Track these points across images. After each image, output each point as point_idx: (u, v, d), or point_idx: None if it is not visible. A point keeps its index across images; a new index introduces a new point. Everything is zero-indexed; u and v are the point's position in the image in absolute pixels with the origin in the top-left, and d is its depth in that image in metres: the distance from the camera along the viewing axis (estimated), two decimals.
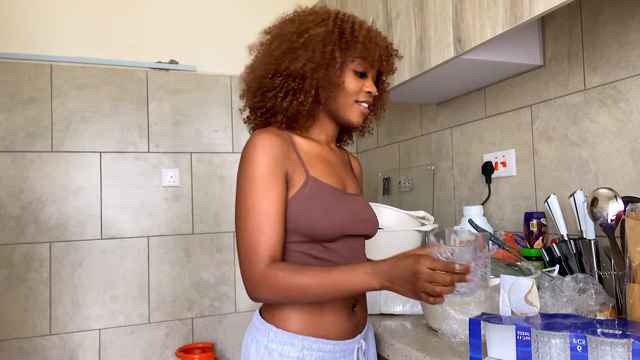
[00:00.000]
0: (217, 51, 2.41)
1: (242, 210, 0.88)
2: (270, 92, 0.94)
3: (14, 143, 2.06)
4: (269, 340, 0.92)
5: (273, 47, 0.96)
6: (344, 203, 0.97)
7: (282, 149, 0.92)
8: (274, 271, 0.84)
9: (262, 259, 0.85)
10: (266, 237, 0.86)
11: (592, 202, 1.05)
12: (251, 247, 0.86)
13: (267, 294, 0.85)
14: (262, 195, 0.87)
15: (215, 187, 2.37)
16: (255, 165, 0.88)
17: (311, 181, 0.93)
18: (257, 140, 0.90)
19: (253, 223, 0.86)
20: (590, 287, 1.04)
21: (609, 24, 1.26)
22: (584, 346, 0.76)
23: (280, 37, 0.96)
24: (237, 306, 2.37)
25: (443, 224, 1.93)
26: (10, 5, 2.09)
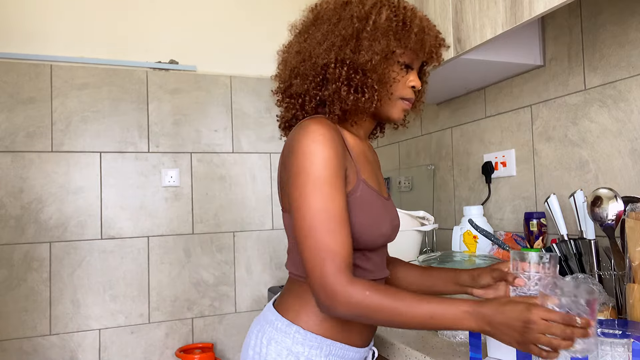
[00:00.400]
0: (217, 51, 2.41)
1: (310, 211, 0.77)
2: (332, 83, 0.84)
3: (14, 143, 2.06)
4: (293, 342, 0.84)
5: (329, 30, 0.85)
6: (386, 211, 0.91)
7: (341, 143, 0.84)
8: (359, 289, 0.74)
9: (341, 269, 0.75)
10: (342, 243, 0.76)
11: (592, 202, 1.05)
12: (326, 255, 0.75)
13: (348, 312, 0.75)
14: (332, 194, 0.78)
15: (215, 187, 2.37)
16: (319, 160, 0.78)
17: (362, 184, 0.86)
18: (317, 131, 0.80)
19: (325, 226, 0.76)
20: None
21: (609, 24, 1.25)
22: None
23: (338, 20, 0.86)
24: (237, 306, 2.37)
25: (443, 223, 1.93)
26: (10, 5, 2.09)
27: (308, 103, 0.88)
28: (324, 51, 0.84)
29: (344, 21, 0.85)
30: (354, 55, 0.83)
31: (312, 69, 0.86)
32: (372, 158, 0.99)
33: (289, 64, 0.91)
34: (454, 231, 1.60)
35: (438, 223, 1.93)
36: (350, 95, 0.84)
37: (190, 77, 2.35)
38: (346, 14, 0.85)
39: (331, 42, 0.84)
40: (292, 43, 0.93)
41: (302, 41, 0.90)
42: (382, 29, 0.84)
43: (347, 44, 0.83)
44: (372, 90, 0.84)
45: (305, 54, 0.87)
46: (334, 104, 0.86)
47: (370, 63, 0.83)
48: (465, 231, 1.55)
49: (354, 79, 0.83)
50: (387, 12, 0.85)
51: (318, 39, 0.86)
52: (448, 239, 1.82)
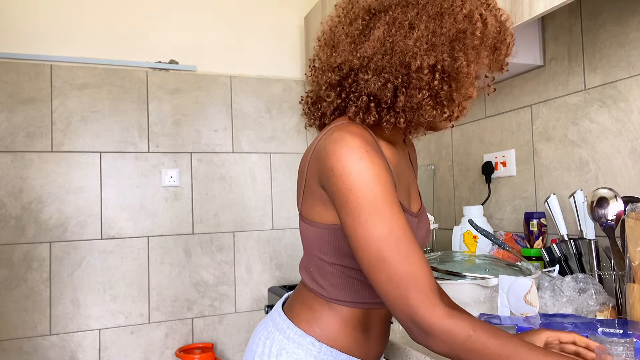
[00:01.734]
0: (217, 51, 2.41)
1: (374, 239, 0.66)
2: (419, 91, 0.70)
3: (14, 143, 2.06)
4: (306, 354, 0.78)
5: (429, 23, 0.69)
6: (417, 232, 0.83)
7: (382, 156, 0.72)
8: (462, 326, 0.64)
9: (430, 298, 0.65)
10: (419, 265, 0.66)
11: (592, 202, 1.05)
12: (407, 284, 0.65)
13: (446, 351, 0.65)
14: (392, 214, 0.67)
15: (215, 187, 2.37)
16: (369, 180, 0.67)
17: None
18: (361, 148, 0.68)
19: (396, 253, 0.66)
20: (590, 287, 1.04)
21: (609, 24, 1.26)
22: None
23: (439, 12, 0.70)
24: (237, 306, 2.37)
25: (443, 223, 1.93)
26: (10, 5, 2.09)
27: (374, 108, 0.73)
28: (424, 51, 0.69)
29: (448, 16, 0.69)
30: (453, 63, 0.70)
31: (394, 67, 0.70)
32: (405, 165, 0.87)
33: (358, 50, 0.72)
34: (454, 231, 1.60)
35: (438, 223, 1.93)
36: (432, 110, 0.71)
37: (190, 77, 2.35)
38: (451, 8, 0.70)
39: (432, 43, 0.69)
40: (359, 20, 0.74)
41: (382, 25, 0.71)
42: (489, 40, 0.72)
43: (446, 46, 0.69)
44: (453, 106, 0.73)
45: (387, 44, 0.70)
46: (402, 115, 0.72)
47: (469, 76, 0.71)
48: (465, 231, 1.55)
49: (442, 90, 0.70)
50: (491, 18, 0.72)
51: (407, 29, 0.69)
52: (448, 239, 1.82)
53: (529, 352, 0.62)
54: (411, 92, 0.70)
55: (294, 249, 2.46)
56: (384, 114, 0.74)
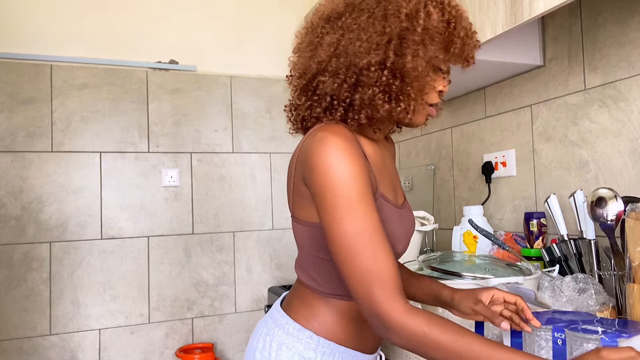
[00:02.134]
0: (217, 51, 2.41)
1: (346, 235, 0.70)
2: (369, 87, 0.75)
3: (14, 143, 2.06)
4: (305, 348, 0.81)
5: (371, 25, 0.74)
6: (402, 224, 0.86)
7: (363, 156, 0.76)
8: (417, 322, 0.67)
9: (391, 294, 0.69)
10: (386, 263, 0.70)
11: (592, 202, 1.05)
12: (372, 280, 0.69)
13: (403, 343, 0.69)
14: (366, 212, 0.71)
15: (215, 187, 2.37)
16: (346, 178, 0.71)
17: (379, 197, 0.80)
18: (340, 146, 0.72)
19: (365, 249, 0.70)
20: (590, 287, 1.04)
21: (609, 24, 1.26)
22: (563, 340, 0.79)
23: (383, 14, 0.74)
24: (237, 306, 2.37)
25: (443, 223, 1.93)
26: (10, 5, 2.09)
27: (336, 107, 0.78)
28: (365, 50, 0.74)
29: (390, 17, 0.74)
30: (397, 59, 0.73)
31: (346, 68, 0.75)
32: (388, 160, 0.91)
33: (316, 56, 0.79)
34: (454, 231, 1.60)
35: (438, 223, 1.93)
36: (385, 104, 0.75)
37: (190, 77, 2.35)
38: (392, 7, 0.74)
39: (373, 41, 0.73)
40: (319, 29, 0.81)
41: (334, 31, 0.78)
42: (431, 31, 0.74)
43: (390, 45, 0.73)
44: (409, 99, 0.76)
45: (340, 48, 0.76)
46: (362, 111, 0.77)
47: (416, 71, 0.74)
48: (465, 231, 1.55)
49: (392, 85, 0.74)
50: (437, 12, 0.76)
51: (356, 33, 0.75)
52: (448, 239, 1.82)
53: (480, 346, 0.66)
54: (364, 90, 0.75)
55: (294, 249, 2.46)
56: (347, 112, 0.79)
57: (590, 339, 0.75)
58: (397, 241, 0.84)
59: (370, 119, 0.78)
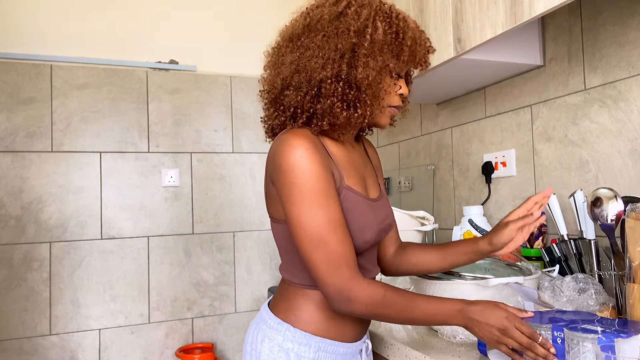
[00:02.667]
0: (217, 51, 2.41)
1: (314, 225, 0.80)
2: (327, 98, 0.83)
3: (14, 143, 2.06)
4: (284, 339, 0.89)
5: (325, 43, 0.84)
6: (373, 214, 0.92)
7: (325, 154, 0.85)
8: (378, 290, 0.81)
9: (356, 273, 0.81)
10: (350, 248, 0.82)
11: (592, 202, 1.05)
12: (340, 263, 0.80)
13: (365, 311, 0.82)
14: (330, 204, 0.81)
15: (215, 187, 2.37)
16: (308, 174, 0.80)
17: (345, 190, 0.87)
18: (301, 146, 0.81)
19: (333, 236, 0.80)
20: (590, 287, 1.04)
21: (609, 24, 1.26)
22: (562, 339, 0.80)
23: (334, 32, 0.83)
24: (237, 306, 2.37)
25: (443, 223, 1.93)
26: (10, 5, 2.09)
27: (300, 115, 0.87)
28: (321, 66, 0.83)
29: (340, 35, 0.83)
30: (350, 71, 0.82)
31: (306, 82, 0.85)
32: (358, 158, 0.98)
33: (280, 73, 0.89)
34: (454, 231, 1.60)
35: (438, 223, 1.93)
36: (343, 112, 0.84)
37: (190, 77, 2.35)
38: (342, 26, 0.83)
39: (328, 57, 0.83)
40: (283, 49, 0.91)
41: (295, 50, 0.87)
42: (379, 44, 0.83)
43: (343, 59, 0.82)
44: (365, 106, 0.84)
45: (300, 65, 0.85)
46: (324, 119, 0.85)
47: (367, 79, 0.82)
48: (465, 231, 1.55)
49: (348, 94, 0.83)
50: (383, 25, 0.84)
51: (313, 51, 0.84)
52: (448, 239, 1.82)
53: (427, 302, 0.82)
54: (324, 100, 0.84)
55: None
56: (310, 120, 0.87)
57: (587, 338, 0.75)
58: (366, 229, 0.89)
59: (332, 125, 0.86)
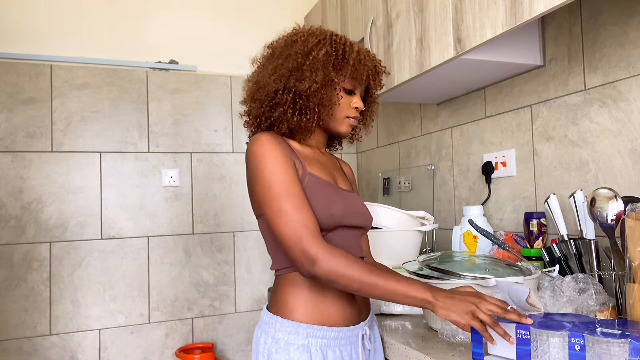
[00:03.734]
0: (217, 51, 2.41)
1: (274, 197, 0.92)
2: (280, 106, 1.01)
3: (14, 143, 2.06)
4: (275, 331, 0.97)
5: (279, 64, 1.03)
6: (339, 196, 1.04)
7: (286, 146, 1.01)
8: (338, 255, 0.89)
9: (317, 236, 0.90)
10: (310, 217, 0.92)
11: (592, 202, 1.05)
12: (299, 225, 0.90)
13: (326, 274, 0.88)
14: (288, 181, 0.94)
15: (215, 187, 2.37)
16: (269, 158, 0.95)
17: (308, 175, 1.00)
18: (262, 138, 0.98)
19: (291, 204, 0.91)
20: (590, 287, 1.04)
21: (609, 24, 1.26)
22: (582, 345, 0.76)
23: (286, 56, 1.03)
24: (237, 306, 2.37)
25: (443, 224, 1.93)
26: (10, 5, 2.09)
27: (263, 123, 1.05)
28: (274, 81, 1.01)
29: (290, 56, 1.02)
30: (298, 84, 1.00)
31: (265, 95, 1.03)
32: (327, 161, 1.12)
33: (248, 91, 1.08)
34: (454, 231, 1.60)
35: (438, 223, 1.93)
36: (294, 117, 1.01)
37: (190, 77, 2.35)
38: (292, 50, 1.02)
39: (280, 74, 1.01)
40: (253, 74, 1.10)
41: (259, 72, 1.08)
42: (321, 61, 1.00)
43: (292, 75, 1.00)
44: (312, 112, 1.01)
45: (260, 82, 1.05)
46: (282, 124, 1.03)
47: (310, 89, 0.99)
48: (465, 231, 1.55)
49: (297, 102, 1.00)
50: (327, 48, 1.01)
51: (270, 70, 1.04)
52: (448, 239, 1.82)
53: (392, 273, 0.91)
54: (278, 109, 1.02)
55: None
56: (272, 126, 1.05)
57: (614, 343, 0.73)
58: (332, 204, 1.00)
59: (290, 129, 1.03)
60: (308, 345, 0.95)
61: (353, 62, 1.03)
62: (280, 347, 0.95)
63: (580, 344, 0.76)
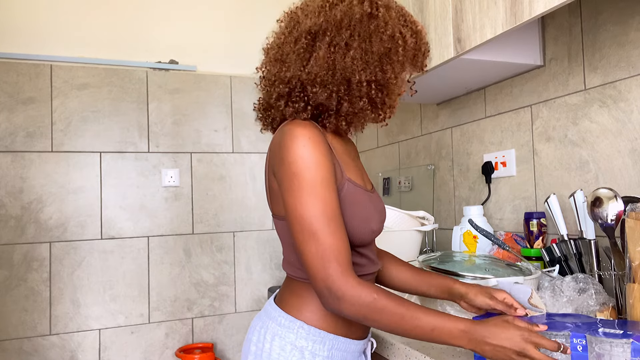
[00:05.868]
0: (217, 51, 2.41)
1: (308, 216, 0.78)
2: (361, 99, 0.84)
3: (14, 143, 2.06)
4: (297, 337, 0.86)
5: (365, 48, 0.83)
6: (373, 205, 0.92)
7: (327, 145, 0.84)
8: (368, 292, 0.77)
9: (347, 270, 0.77)
10: (344, 243, 0.79)
11: (592, 202, 1.05)
12: (330, 257, 0.77)
13: (354, 313, 0.77)
14: (327, 196, 0.79)
15: (215, 187, 2.37)
16: (310, 164, 0.79)
17: (347, 182, 0.86)
18: (305, 135, 0.80)
19: (326, 229, 0.77)
20: (590, 287, 1.04)
21: (609, 24, 1.26)
22: (584, 346, 0.76)
23: (369, 35, 0.84)
24: (237, 306, 2.37)
25: (443, 223, 1.93)
26: (10, 5, 2.09)
27: (323, 112, 0.87)
28: (361, 68, 0.83)
29: (375, 38, 0.83)
30: (383, 75, 0.85)
31: (338, 81, 0.83)
32: (353, 152, 1.00)
33: (307, 67, 0.85)
34: (454, 231, 1.60)
35: (438, 223, 1.93)
36: (372, 114, 0.87)
37: (190, 77, 2.35)
38: (375, 29, 0.84)
39: (367, 60, 0.83)
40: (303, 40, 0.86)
41: (324, 46, 0.84)
42: (409, 53, 0.87)
43: (378, 62, 0.84)
44: (386, 107, 0.88)
45: (335, 64, 0.83)
46: (347, 117, 0.86)
47: (396, 85, 0.87)
48: (465, 231, 1.55)
49: (377, 97, 0.85)
50: (410, 35, 0.87)
51: (345, 50, 0.83)
52: (448, 239, 1.82)
53: (425, 314, 0.77)
54: (354, 101, 0.84)
55: None
56: (328, 118, 0.87)
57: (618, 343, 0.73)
58: (370, 218, 0.89)
59: (349, 124, 0.88)
60: (331, 357, 0.87)
61: (424, 51, 0.91)
62: (305, 358, 0.85)
63: (582, 344, 0.76)
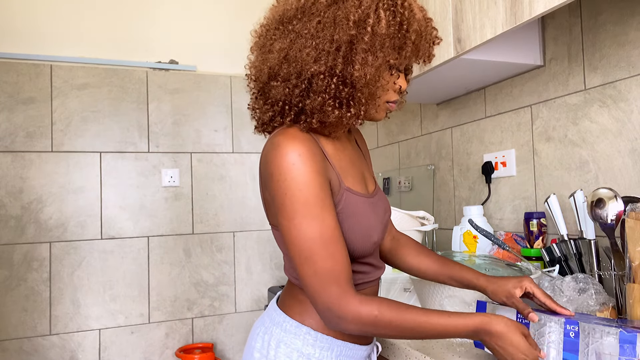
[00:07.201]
0: (217, 51, 2.41)
1: (304, 239, 0.73)
2: (318, 94, 0.75)
3: (14, 143, 2.06)
4: (304, 344, 0.82)
5: (322, 35, 0.73)
6: (374, 214, 0.87)
7: (320, 156, 0.77)
8: (369, 309, 0.73)
9: (347, 290, 0.74)
10: (342, 262, 0.74)
11: (592, 202, 1.05)
12: (329, 279, 0.73)
13: (358, 330, 0.75)
14: (322, 215, 0.74)
15: (215, 187, 2.37)
16: (301, 183, 0.73)
17: (345, 193, 0.81)
18: (294, 151, 0.73)
19: (322, 252, 0.73)
20: (590, 287, 1.04)
21: (609, 24, 1.26)
22: (576, 332, 0.78)
23: (331, 20, 0.73)
24: (237, 306, 2.37)
25: (443, 223, 1.93)
26: (10, 5, 2.09)
27: (288, 112, 0.78)
28: (313, 58, 0.73)
29: (338, 24, 0.72)
30: (346, 67, 0.73)
31: (296, 74, 0.75)
32: (351, 152, 0.91)
33: (267, 61, 0.79)
34: (454, 231, 1.60)
35: (438, 223, 1.93)
36: (335, 111, 0.75)
37: (190, 77, 2.35)
38: (341, 13, 0.72)
39: (322, 48, 0.73)
40: (272, 31, 0.80)
41: (285, 36, 0.77)
42: (380, 38, 0.73)
43: (339, 53, 0.73)
44: (359, 105, 0.76)
45: (289, 55, 0.75)
46: (313, 116, 0.76)
47: (365, 79, 0.74)
48: (465, 231, 1.55)
49: (342, 92, 0.74)
50: (387, 15, 0.73)
51: (305, 40, 0.74)
52: (448, 239, 1.82)
53: (425, 317, 0.75)
54: (313, 97, 0.75)
55: None
56: (298, 116, 0.79)
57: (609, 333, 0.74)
58: (372, 230, 0.84)
59: (322, 122, 0.78)
60: None
61: (415, 38, 0.77)
62: None
63: (575, 330, 0.78)
